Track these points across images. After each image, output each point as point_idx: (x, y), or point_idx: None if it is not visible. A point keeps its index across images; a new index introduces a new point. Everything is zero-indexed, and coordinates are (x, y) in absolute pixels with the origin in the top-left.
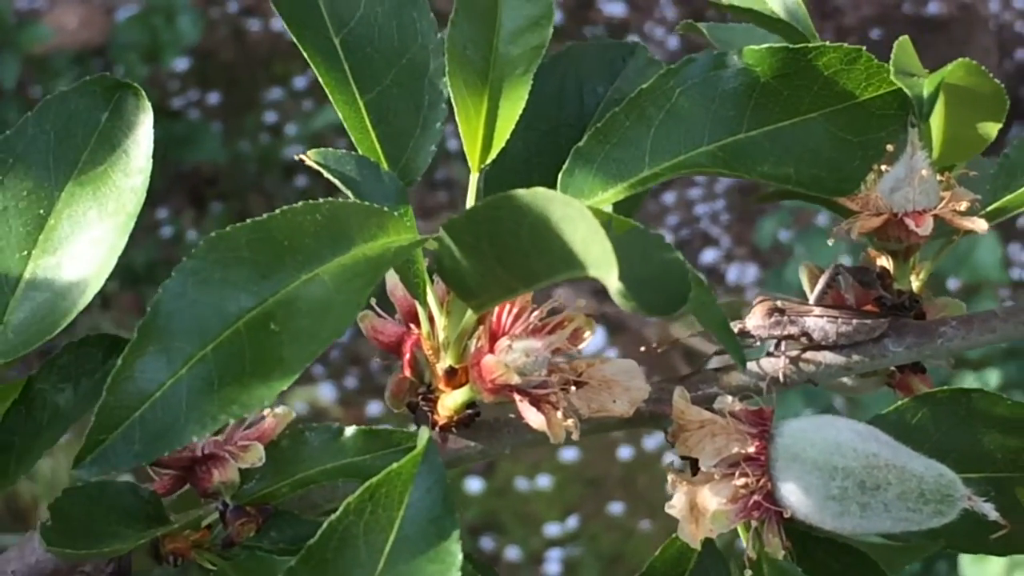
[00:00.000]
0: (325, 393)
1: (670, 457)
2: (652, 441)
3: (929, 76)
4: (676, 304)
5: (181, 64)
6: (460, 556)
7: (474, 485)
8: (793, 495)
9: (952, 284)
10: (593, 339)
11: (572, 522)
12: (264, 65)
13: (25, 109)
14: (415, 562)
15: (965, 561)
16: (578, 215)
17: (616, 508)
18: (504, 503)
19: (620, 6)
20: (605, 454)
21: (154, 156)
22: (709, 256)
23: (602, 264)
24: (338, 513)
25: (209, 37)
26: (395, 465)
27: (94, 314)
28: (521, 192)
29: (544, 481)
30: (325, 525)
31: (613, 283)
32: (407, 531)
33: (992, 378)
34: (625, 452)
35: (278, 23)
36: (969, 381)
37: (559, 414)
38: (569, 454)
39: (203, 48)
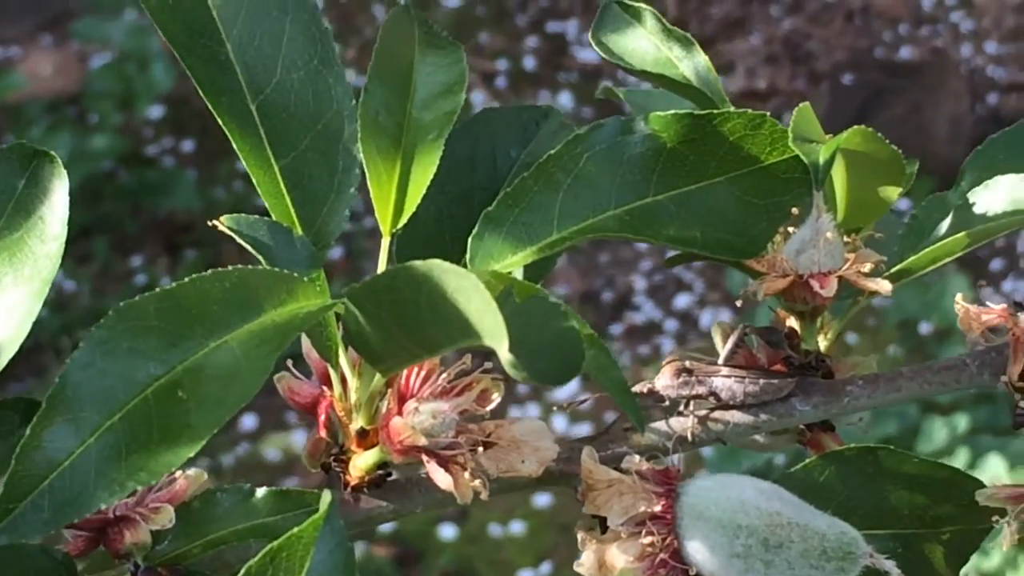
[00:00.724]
0: (299, 439)
1: None
2: None
3: (827, 142)
4: (569, 374)
5: (155, 112)
6: None
7: (447, 532)
8: (699, 553)
9: (924, 328)
10: (568, 385)
11: (545, 568)
12: None
13: None
14: None
15: None
16: (472, 287)
17: None
18: (478, 550)
19: (593, 52)
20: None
21: (128, 203)
22: (682, 301)
23: (494, 335)
24: None
25: (182, 85)
26: (296, 529)
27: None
28: (418, 264)
29: (518, 527)
30: None
31: (504, 354)
32: None
33: (961, 422)
34: None
35: None
36: (938, 426)
37: (467, 474)
38: (542, 500)
39: (177, 95)
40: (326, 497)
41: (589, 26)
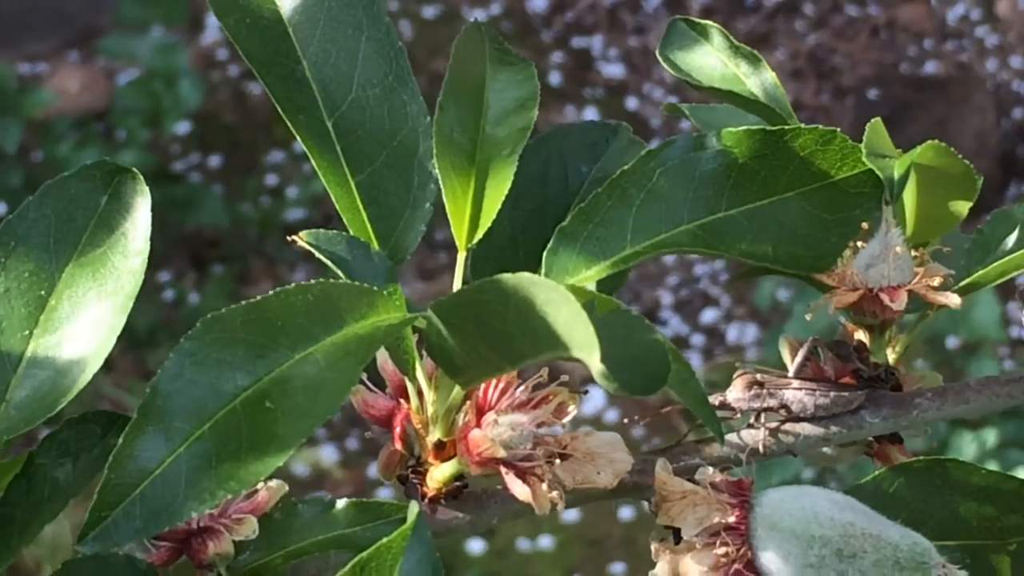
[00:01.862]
0: (327, 455)
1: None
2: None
3: (901, 157)
4: (657, 384)
5: (182, 128)
6: None
7: (475, 546)
8: (772, 563)
9: (951, 342)
10: (593, 400)
11: None
12: (265, 128)
13: (27, 174)
14: None
15: None
16: (561, 299)
17: (618, 569)
18: (505, 564)
19: (619, 67)
20: (606, 515)
21: (155, 219)
22: (709, 316)
23: (585, 346)
24: None
25: (210, 101)
26: (385, 539)
27: (95, 377)
28: (506, 276)
29: (546, 542)
30: None
31: (596, 365)
32: None
33: (990, 437)
34: (626, 512)
35: None
36: (967, 440)
37: (544, 486)
38: (570, 515)
39: (204, 112)
40: (413, 508)
41: (613, 42)
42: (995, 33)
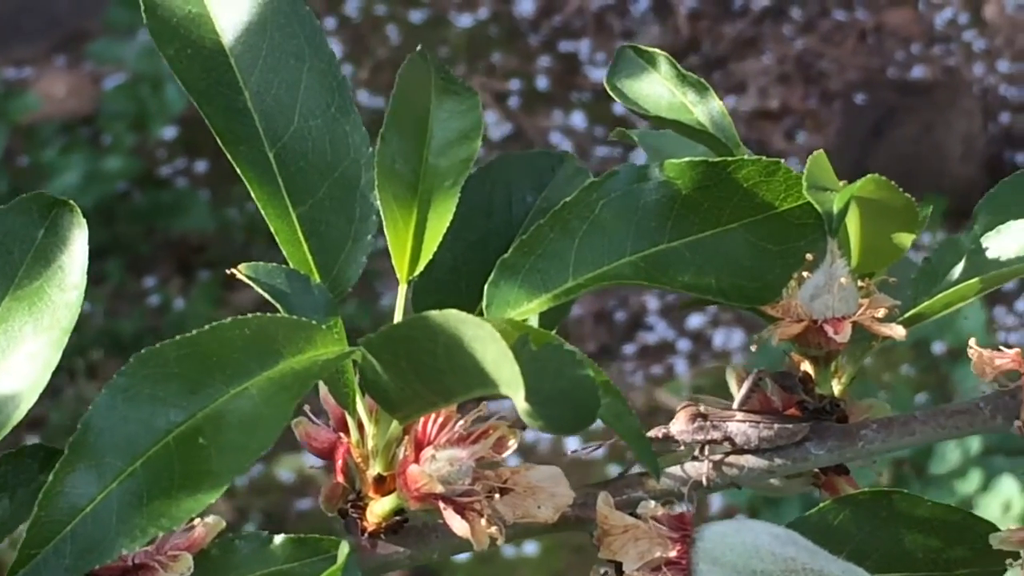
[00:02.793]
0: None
1: None
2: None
3: (842, 190)
4: (584, 422)
5: (168, 132)
6: None
7: (464, 556)
8: None
9: (937, 348)
10: None
11: None
12: None
13: (12, 179)
14: None
15: None
16: (488, 337)
17: None
18: (490, 570)
19: (606, 72)
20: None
21: (141, 224)
22: (695, 321)
23: (511, 384)
24: None
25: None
26: None
27: (80, 384)
28: (435, 313)
29: (530, 548)
30: None
31: (520, 403)
32: None
33: (974, 444)
34: None
35: None
36: (951, 447)
37: (483, 521)
38: None
39: (190, 116)
40: (344, 548)
41: (600, 46)
42: (982, 37)
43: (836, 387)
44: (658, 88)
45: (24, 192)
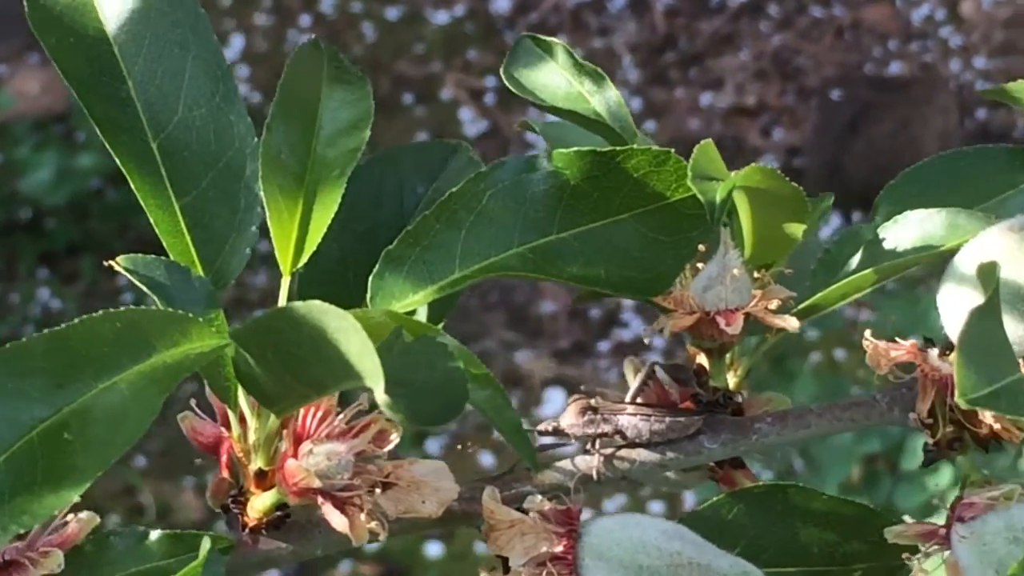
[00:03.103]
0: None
1: None
2: (612, 504)
3: (727, 179)
4: (451, 414)
5: None
6: None
7: (434, 549)
8: None
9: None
10: (554, 403)
11: None
12: None
13: None
14: None
15: None
16: (351, 328)
17: None
18: (463, 567)
19: None
20: None
21: (115, 221)
22: None
23: (372, 376)
24: None
25: None
26: None
27: None
28: (298, 304)
29: None
30: None
31: (380, 395)
32: None
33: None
34: (586, 515)
35: (242, 88)
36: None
37: (363, 516)
38: None
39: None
40: (206, 544)
41: (577, 43)
42: (959, 34)
43: (732, 380)
44: (555, 78)
45: None
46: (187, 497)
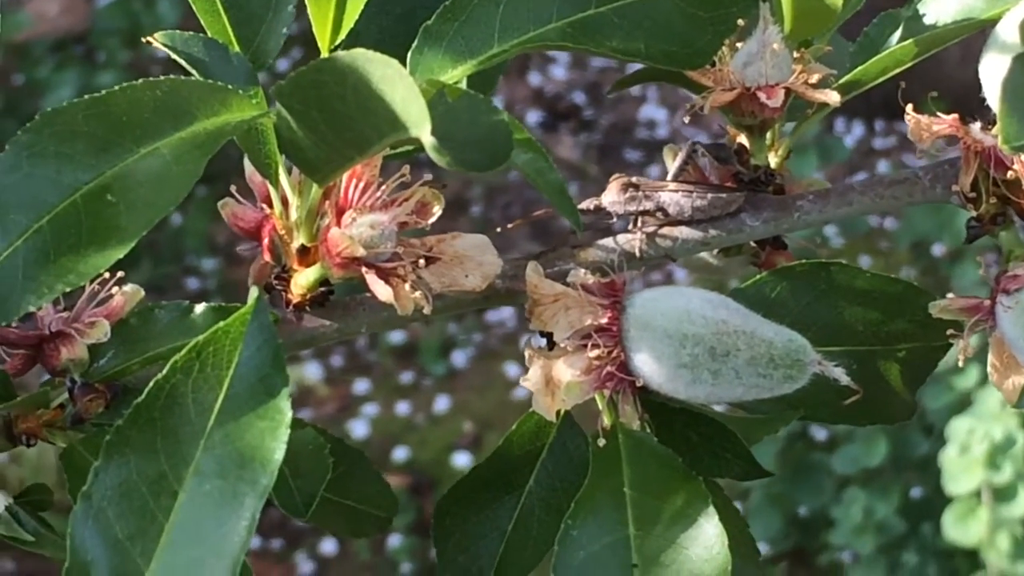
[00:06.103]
0: (311, 372)
1: None
2: None
3: None
4: (496, 161)
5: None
6: (289, 413)
7: (461, 460)
8: (645, 364)
9: (937, 250)
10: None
11: None
12: None
13: (6, 96)
14: (244, 419)
15: (948, 522)
16: (396, 75)
17: None
18: None
19: None
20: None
21: None
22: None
23: (418, 122)
24: (164, 372)
25: (189, 20)
26: (222, 323)
27: None
28: (342, 54)
29: None
30: (151, 384)
31: (427, 139)
32: (237, 389)
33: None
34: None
35: None
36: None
37: (407, 287)
38: None
39: (183, 31)
40: (253, 292)
41: None
42: None
43: (773, 159)
44: None
45: (20, 109)
46: None
